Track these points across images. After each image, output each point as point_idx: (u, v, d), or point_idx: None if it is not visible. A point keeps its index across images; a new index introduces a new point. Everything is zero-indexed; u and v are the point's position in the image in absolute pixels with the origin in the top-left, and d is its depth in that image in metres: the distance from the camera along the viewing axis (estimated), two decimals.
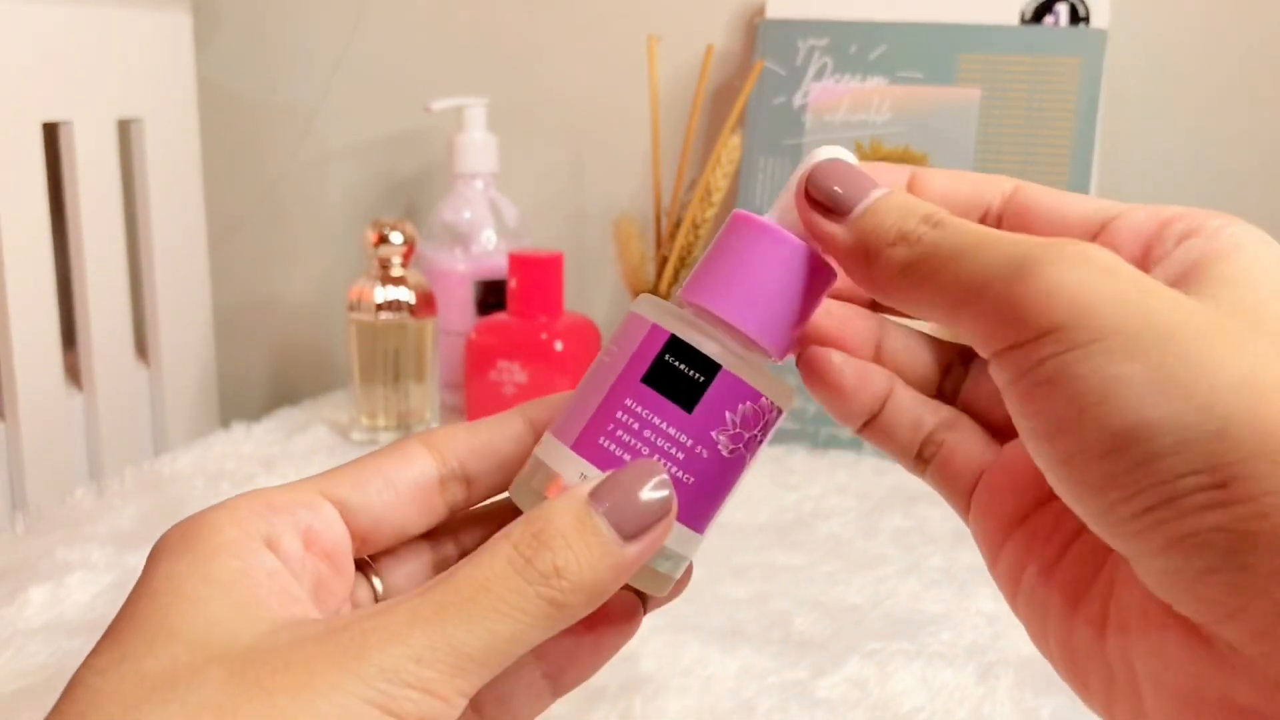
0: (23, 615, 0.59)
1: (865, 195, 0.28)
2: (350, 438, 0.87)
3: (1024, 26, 0.86)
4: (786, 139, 0.90)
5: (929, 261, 0.26)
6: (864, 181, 0.28)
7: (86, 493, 0.76)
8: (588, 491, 0.27)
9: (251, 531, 0.27)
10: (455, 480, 0.31)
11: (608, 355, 0.31)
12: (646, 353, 0.30)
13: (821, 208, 0.28)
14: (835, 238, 0.28)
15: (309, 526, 0.29)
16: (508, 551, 0.26)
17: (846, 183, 0.28)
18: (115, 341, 0.92)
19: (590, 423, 0.30)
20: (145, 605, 0.26)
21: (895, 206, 0.27)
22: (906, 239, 0.26)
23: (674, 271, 0.86)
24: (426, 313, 0.87)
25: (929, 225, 0.26)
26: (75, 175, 0.87)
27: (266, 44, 1.07)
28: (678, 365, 0.29)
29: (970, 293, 0.25)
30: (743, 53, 0.97)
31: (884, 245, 0.27)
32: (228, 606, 0.25)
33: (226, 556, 0.26)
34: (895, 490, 0.78)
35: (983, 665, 0.54)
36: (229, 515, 0.27)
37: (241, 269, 1.10)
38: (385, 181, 1.07)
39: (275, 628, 0.25)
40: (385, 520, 0.30)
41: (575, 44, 1.01)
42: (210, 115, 1.05)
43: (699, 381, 0.29)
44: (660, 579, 0.30)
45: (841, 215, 0.28)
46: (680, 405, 0.29)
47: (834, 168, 0.28)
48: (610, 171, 1.01)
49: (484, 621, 0.25)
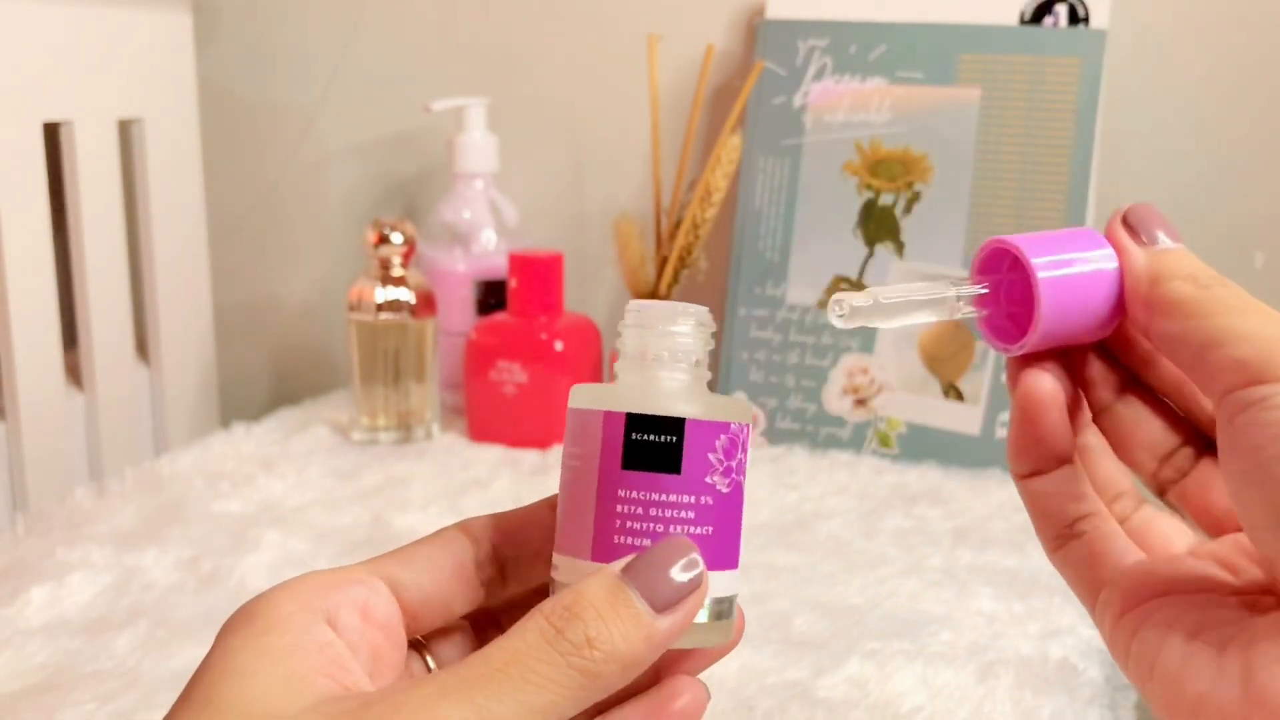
0: (23, 615, 0.59)
1: (1172, 238, 0.33)
2: (350, 438, 0.87)
3: (1024, 27, 0.86)
4: (786, 139, 0.90)
5: (1206, 304, 0.30)
6: (1170, 229, 0.33)
7: (87, 493, 0.76)
8: (620, 568, 0.29)
9: (311, 606, 0.29)
10: (489, 562, 0.33)
11: (575, 460, 0.32)
12: (613, 440, 0.31)
13: (1132, 231, 0.33)
14: (1135, 254, 0.32)
15: (365, 601, 0.31)
16: (540, 624, 0.27)
17: (1157, 222, 0.33)
18: (116, 341, 0.92)
19: (597, 528, 0.31)
20: (202, 678, 0.28)
21: (1190, 255, 0.32)
22: (1195, 280, 0.31)
23: (674, 271, 0.87)
24: (426, 313, 0.87)
25: (1215, 280, 0.31)
26: (76, 175, 0.87)
27: (267, 44, 1.07)
28: (647, 438, 0.31)
29: (1225, 340, 0.29)
30: (743, 53, 0.97)
31: (1174, 276, 0.31)
32: (276, 680, 0.27)
33: (280, 632, 0.28)
34: (895, 490, 0.78)
35: (983, 665, 0.54)
36: (289, 592, 0.30)
37: (242, 269, 1.10)
38: (385, 181, 1.07)
39: (318, 701, 0.27)
40: (432, 596, 0.32)
41: (575, 44, 1.01)
42: (211, 115, 1.05)
43: (673, 442, 0.31)
44: (719, 627, 0.31)
45: (1146, 243, 0.33)
46: (668, 471, 0.31)
47: (1148, 208, 0.33)
48: (610, 171, 1.01)
49: (515, 692, 0.26)
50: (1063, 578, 0.34)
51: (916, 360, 0.85)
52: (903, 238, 0.86)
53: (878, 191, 0.87)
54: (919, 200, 0.86)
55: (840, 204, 0.88)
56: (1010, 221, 0.84)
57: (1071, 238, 0.33)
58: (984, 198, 0.85)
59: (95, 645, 0.56)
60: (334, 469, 0.81)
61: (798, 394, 0.87)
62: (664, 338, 0.32)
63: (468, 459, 0.84)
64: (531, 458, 0.84)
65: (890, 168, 0.87)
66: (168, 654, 0.55)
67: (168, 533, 0.69)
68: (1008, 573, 0.65)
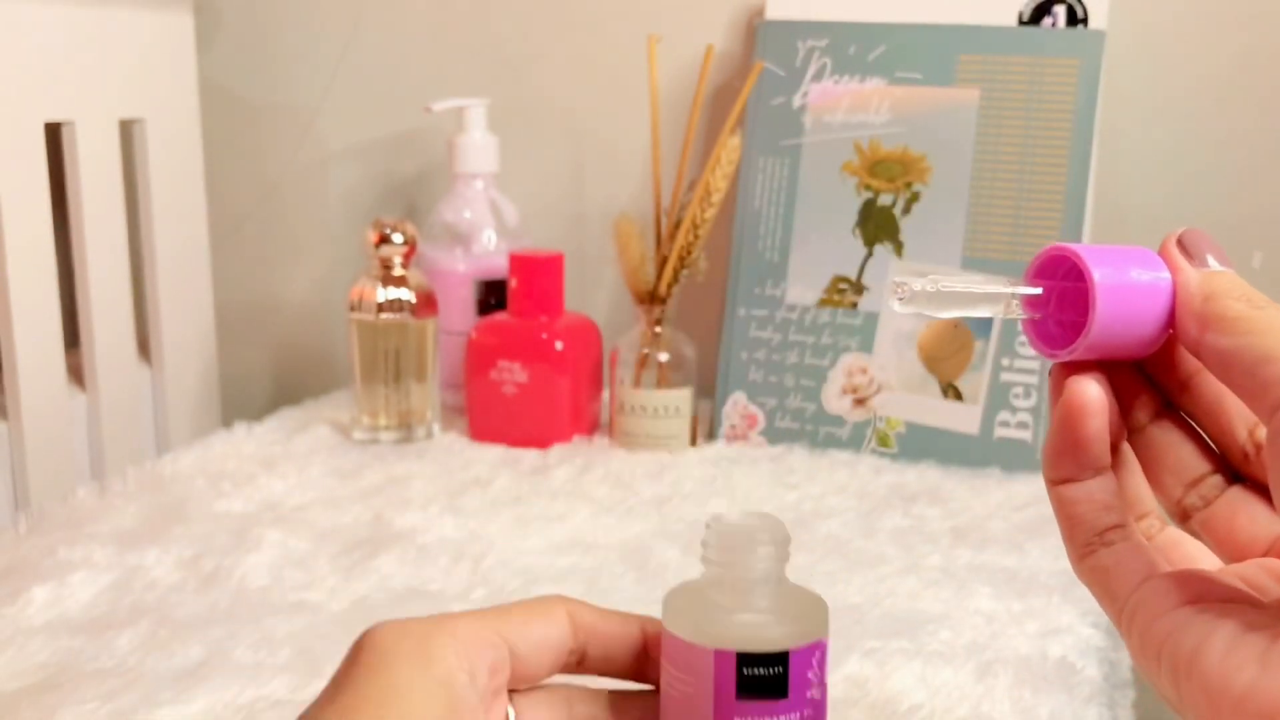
0: (25, 614, 0.59)
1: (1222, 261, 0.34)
2: (351, 437, 0.88)
3: (1023, 28, 0.86)
4: (786, 139, 0.90)
5: (1260, 322, 0.31)
6: (1220, 252, 0.34)
7: (89, 492, 0.76)
8: None
9: (467, 655, 0.36)
10: (576, 650, 0.39)
11: (683, 685, 0.36)
12: (726, 675, 0.35)
13: (1186, 252, 0.34)
14: (1186, 272, 0.33)
15: (495, 662, 0.37)
16: None
17: (1209, 245, 0.34)
18: (117, 341, 0.92)
19: None
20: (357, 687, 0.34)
21: (1240, 279, 0.33)
22: (1249, 300, 0.32)
23: (674, 271, 0.87)
24: (427, 313, 0.87)
25: (1267, 302, 0.32)
26: (78, 175, 0.87)
27: (267, 44, 1.07)
28: (757, 671, 0.35)
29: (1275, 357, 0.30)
30: (743, 53, 0.97)
31: (1226, 295, 0.32)
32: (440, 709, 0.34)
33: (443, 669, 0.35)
34: (894, 490, 0.79)
35: (981, 664, 0.54)
36: (451, 638, 0.36)
37: (243, 269, 1.11)
38: (386, 182, 1.07)
39: None
40: (533, 669, 0.38)
41: (575, 44, 1.01)
42: (212, 115, 1.05)
43: (779, 673, 0.35)
44: None
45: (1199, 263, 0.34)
46: (776, 697, 0.35)
47: (1201, 233, 0.34)
48: (610, 171, 1.01)
49: None
50: (1087, 585, 0.34)
51: (916, 360, 0.85)
52: (901, 238, 0.87)
53: (877, 192, 0.87)
54: (918, 200, 0.86)
55: (839, 204, 0.88)
56: (1009, 222, 0.84)
57: (1127, 253, 0.34)
58: (983, 198, 0.85)
59: (97, 644, 0.56)
60: (335, 468, 0.81)
61: (797, 393, 0.88)
62: (750, 564, 0.37)
63: (468, 459, 0.84)
64: (531, 457, 0.84)
65: (889, 168, 0.87)
66: (169, 653, 0.55)
67: (169, 532, 0.69)
68: (1006, 572, 0.65)
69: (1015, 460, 0.82)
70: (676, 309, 0.98)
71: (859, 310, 0.87)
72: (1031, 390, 0.82)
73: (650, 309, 0.87)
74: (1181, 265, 0.33)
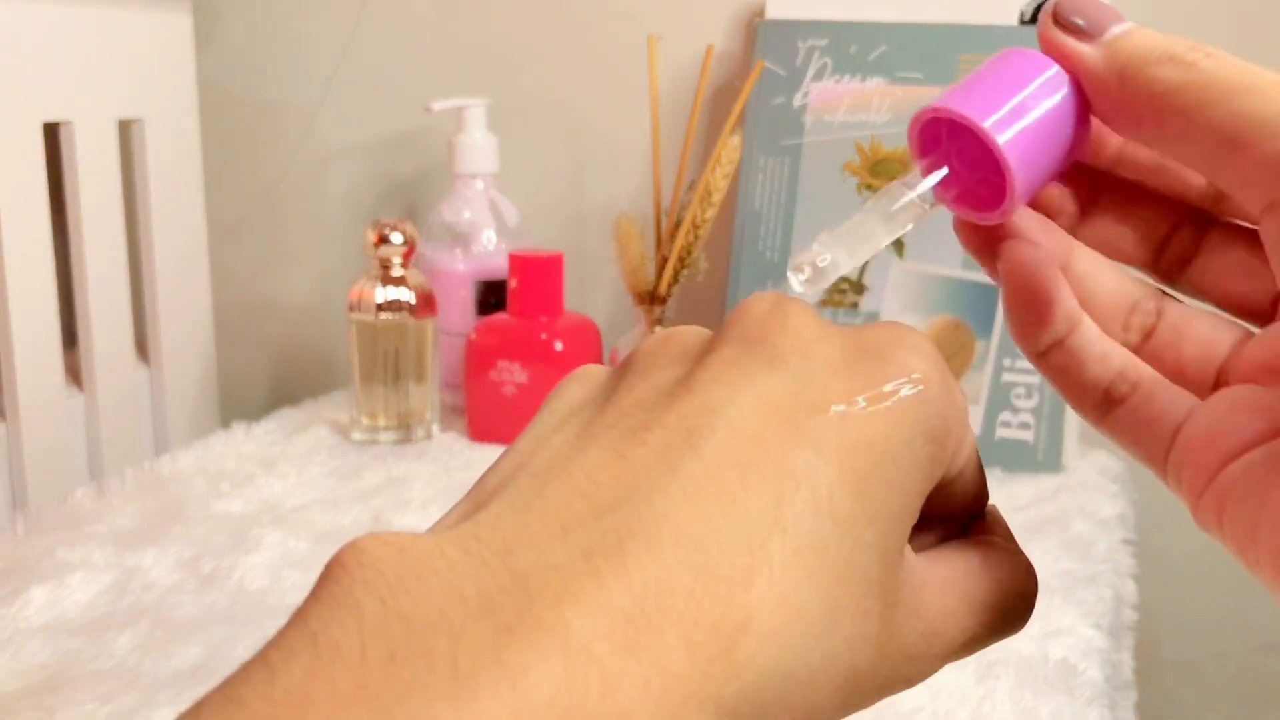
0: (23, 615, 0.59)
1: (1118, 21, 0.26)
2: (350, 438, 0.87)
3: (1023, 27, 0.86)
4: (786, 139, 0.90)
5: (1205, 90, 0.23)
6: (1113, 12, 0.26)
7: (87, 493, 0.76)
8: None
9: None
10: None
11: None
12: None
13: (1071, 29, 0.26)
14: (1084, 56, 0.25)
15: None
16: None
17: (1097, 8, 0.26)
18: (116, 341, 0.92)
19: None
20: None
21: (1151, 32, 0.25)
22: (1177, 60, 0.24)
23: (674, 271, 0.87)
24: (427, 313, 0.87)
25: (1202, 54, 0.24)
26: (76, 175, 0.87)
27: (266, 44, 1.07)
28: None
29: (1249, 132, 0.22)
30: (743, 53, 0.97)
31: (1147, 64, 0.24)
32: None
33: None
34: None
35: (982, 665, 0.54)
36: None
37: (242, 269, 1.11)
38: (385, 182, 1.07)
39: None
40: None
41: (575, 44, 1.01)
42: (211, 115, 1.05)
43: None
44: None
45: (1092, 37, 0.25)
46: None
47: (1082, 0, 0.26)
48: (610, 171, 1.01)
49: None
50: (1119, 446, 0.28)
51: None
52: (902, 238, 0.86)
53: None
54: None
55: (840, 204, 0.88)
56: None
57: (1004, 71, 0.27)
58: None
59: (95, 645, 0.56)
60: (334, 469, 0.81)
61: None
62: None
63: (468, 459, 0.84)
64: None
65: (890, 168, 0.87)
66: (168, 654, 0.55)
67: (168, 533, 0.69)
68: None
69: (1016, 460, 0.82)
70: (676, 309, 0.98)
71: (860, 310, 0.87)
72: (1033, 390, 0.82)
73: (650, 309, 0.87)
74: (1074, 51, 0.25)
